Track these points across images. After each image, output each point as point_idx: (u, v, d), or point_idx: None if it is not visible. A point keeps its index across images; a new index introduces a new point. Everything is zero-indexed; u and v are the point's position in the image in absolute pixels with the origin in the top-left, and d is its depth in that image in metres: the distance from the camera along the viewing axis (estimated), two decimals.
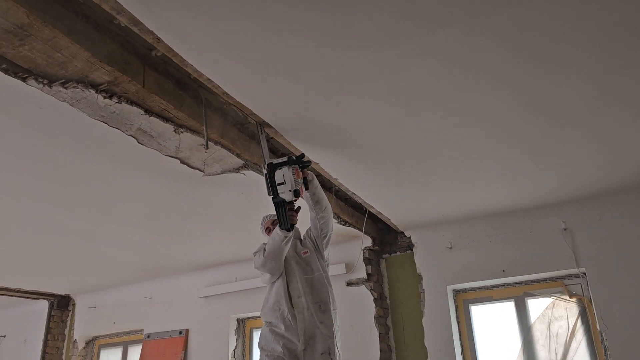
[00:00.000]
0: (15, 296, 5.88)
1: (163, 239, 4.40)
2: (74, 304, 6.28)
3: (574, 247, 3.76)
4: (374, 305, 4.31)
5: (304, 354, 2.55)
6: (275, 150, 3.10)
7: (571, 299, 3.83)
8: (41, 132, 2.54)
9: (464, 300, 4.22)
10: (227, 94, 2.27)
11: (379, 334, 4.23)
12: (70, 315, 6.26)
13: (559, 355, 3.74)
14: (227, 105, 2.57)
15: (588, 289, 3.73)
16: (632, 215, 3.65)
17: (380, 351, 4.17)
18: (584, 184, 3.58)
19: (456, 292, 4.25)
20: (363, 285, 4.41)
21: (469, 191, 3.66)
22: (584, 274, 3.75)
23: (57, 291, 6.13)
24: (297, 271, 2.73)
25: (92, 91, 2.06)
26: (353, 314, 4.34)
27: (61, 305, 6.26)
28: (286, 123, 2.61)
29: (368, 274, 4.42)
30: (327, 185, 3.67)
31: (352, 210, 4.09)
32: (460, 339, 4.10)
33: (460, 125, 2.70)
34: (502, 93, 2.39)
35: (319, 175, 3.43)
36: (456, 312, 4.19)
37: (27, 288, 5.83)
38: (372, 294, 4.35)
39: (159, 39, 1.84)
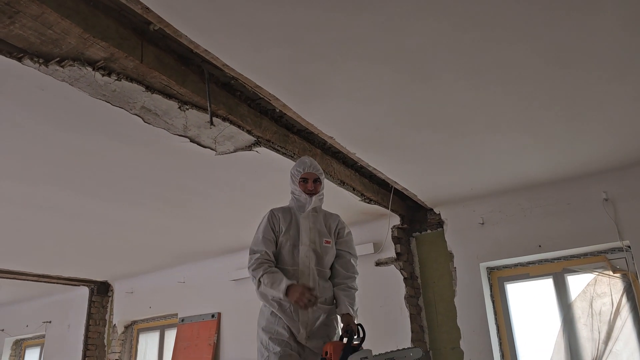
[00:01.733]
0: (57, 283, 6.19)
1: (191, 223, 4.51)
2: (112, 290, 6.53)
3: (617, 219, 3.58)
4: (404, 285, 4.28)
5: (306, 342, 2.42)
6: (290, 127, 3.10)
7: (615, 274, 3.66)
8: (58, 119, 2.63)
9: (498, 278, 4.12)
10: (227, 65, 2.26)
11: (410, 314, 4.19)
12: (109, 300, 6.51)
13: (603, 334, 3.59)
14: (235, 80, 2.56)
15: (633, 263, 3.54)
16: None
17: (412, 332, 4.14)
18: (627, 149, 3.39)
19: (490, 270, 4.15)
20: (392, 265, 4.37)
21: (499, 161, 3.53)
22: (629, 247, 3.56)
23: (96, 277, 6.40)
24: (311, 261, 2.48)
25: (89, 69, 2.09)
26: (382, 295, 4.33)
27: (101, 291, 6.52)
28: (295, 96, 2.58)
29: (397, 253, 4.38)
30: (349, 162, 3.66)
31: (377, 187, 4.05)
32: (496, 318, 4.01)
33: (479, 88, 2.59)
34: (521, 48, 2.27)
35: (338, 152, 3.44)
36: (490, 291, 4.10)
37: (66, 275, 6.10)
38: (402, 273, 4.31)
39: (147, 8, 1.86)
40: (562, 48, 2.28)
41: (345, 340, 2.25)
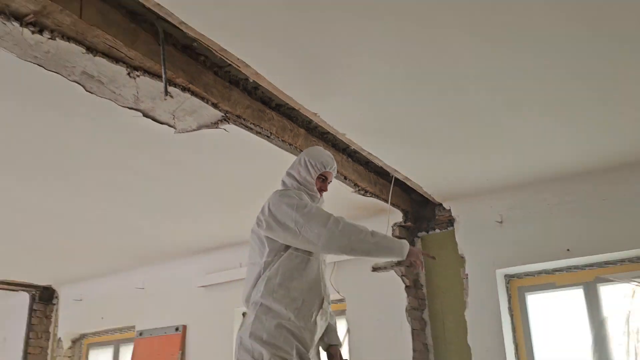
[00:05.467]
0: None
1: (151, 216, 4.41)
2: (57, 297, 6.41)
3: None
4: (405, 294, 4.17)
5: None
6: (267, 101, 2.97)
7: None
8: None
9: (518, 288, 4.04)
10: (185, 24, 2.12)
11: (412, 329, 4.09)
12: (54, 309, 6.39)
13: None
14: (197, 43, 2.42)
15: None
16: None
17: (414, 351, 4.04)
18: None
19: (509, 278, 4.07)
20: (392, 271, 4.26)
21: (521, 149, 3.43)
22: None
23: (37, 282, 6.26)
24: (324, 269, 2.54)
25: (16, 24, 1.95)
26: (380, 306, 4.24)
27: (43, 298, 6.39)
28: (270, 63, 2.47)
29: None
30: (340, 146, 3.53)
31: (375, 177, 3.92)
32: (514, 335, 3.93)
33: (490, 58, 2.45)
34: (550, 15, 2.14)
35: (326, 133, 3.31)
36: (509, 303, 4.01)
37: (1, 278, 5.96)
38: (403, 281, 4.21)
39: None
40: (598, 17, 2.16)
41: None
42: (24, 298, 6.36)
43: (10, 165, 3.37)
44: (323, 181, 2.57)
